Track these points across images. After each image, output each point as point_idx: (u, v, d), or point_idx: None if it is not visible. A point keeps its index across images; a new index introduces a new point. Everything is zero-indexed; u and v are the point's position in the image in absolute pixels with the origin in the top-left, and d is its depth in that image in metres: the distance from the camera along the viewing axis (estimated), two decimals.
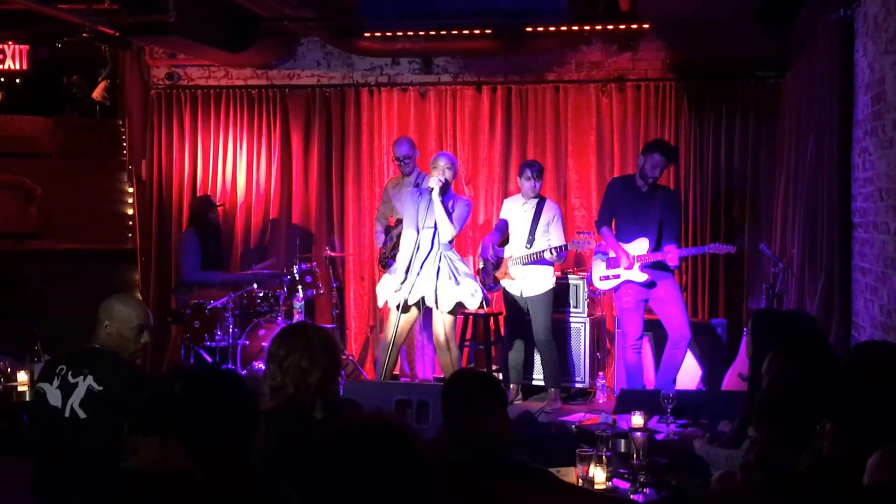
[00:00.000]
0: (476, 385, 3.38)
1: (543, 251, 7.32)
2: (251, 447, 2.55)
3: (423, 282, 6.77)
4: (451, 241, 6.89)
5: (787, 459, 2.79)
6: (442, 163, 6.91)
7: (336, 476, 2.04)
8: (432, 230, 6.79)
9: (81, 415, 3.59)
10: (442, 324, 6.90)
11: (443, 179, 6.80)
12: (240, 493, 2.46)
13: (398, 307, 6.81)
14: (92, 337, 3.79)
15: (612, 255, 7.13)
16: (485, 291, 7.10)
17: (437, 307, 6.83)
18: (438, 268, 6.81)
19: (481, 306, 6.96)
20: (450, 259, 6.88)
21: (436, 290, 6.78)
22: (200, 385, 2.53)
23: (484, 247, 7.70)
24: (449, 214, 6.79)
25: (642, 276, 7.01)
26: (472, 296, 6.85)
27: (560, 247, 7.30)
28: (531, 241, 7.41)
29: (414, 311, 6.96)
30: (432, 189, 6.74)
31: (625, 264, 7.00)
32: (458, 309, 6.95)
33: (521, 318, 7.60)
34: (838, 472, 2.42)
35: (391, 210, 8.00)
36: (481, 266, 7.67)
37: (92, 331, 3.80)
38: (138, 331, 3.79)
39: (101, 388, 3.60)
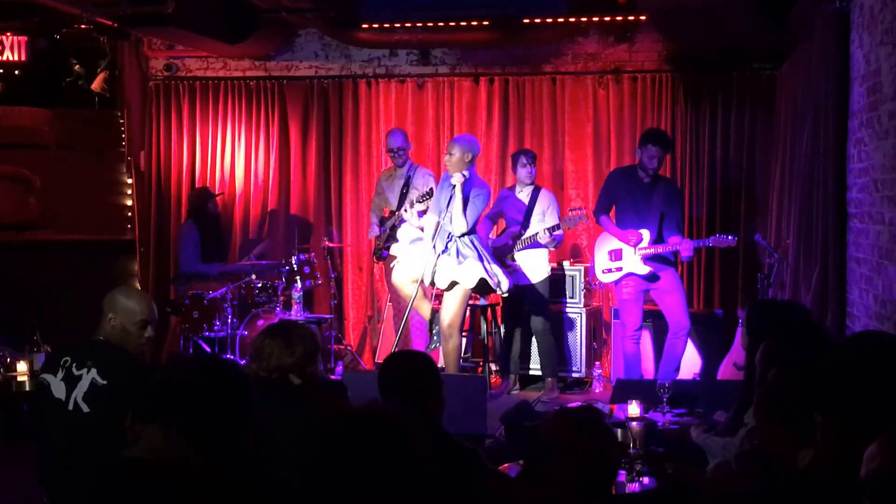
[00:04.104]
0: (420, 366, 3.44)
1: (536, 234, 7.25)
2: (248, 435, 2.58)
3: (445, 265, 6.71)
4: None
5: (785, 452, 2.81)
6: (457, 152, 6.67)
7: (331, 467, 2.07)
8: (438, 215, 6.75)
9: (85, 408, 3.55)
10: (448, 311, 6.88)
11: (464, 178, 6.59)
12: (239, 480, 2.49)
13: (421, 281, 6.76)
14: (96, 329, 3.76)
15: (615, 245, 7.13)
16: (510, 277, 7.03)
17: (462, 282, 6.71)
18: (458, 250, 6.68)
19: (497, 290, 6.81)
20: (463, 242, 6.71)
21: (459, 270, 6.70)
22: (199, 374, 2.55)
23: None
24: (465, 204, 6.66)
25: (645, 269, 7.03)
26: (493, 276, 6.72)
27: (553, 226, 7.19)
28: (526, 227, 7.40)
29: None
30: (454, 186, 6.62)
31: (633, 241, 6.99)
32: (482, 286, 6.75)
33: (518, 307, 7.60)
34: (838, 466, 2.40)
35: (384, 201, 8.01)
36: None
37: (96, 322, 3.77)
38: (141, 326, 3.76)
39: (104, 381, 3.57)
